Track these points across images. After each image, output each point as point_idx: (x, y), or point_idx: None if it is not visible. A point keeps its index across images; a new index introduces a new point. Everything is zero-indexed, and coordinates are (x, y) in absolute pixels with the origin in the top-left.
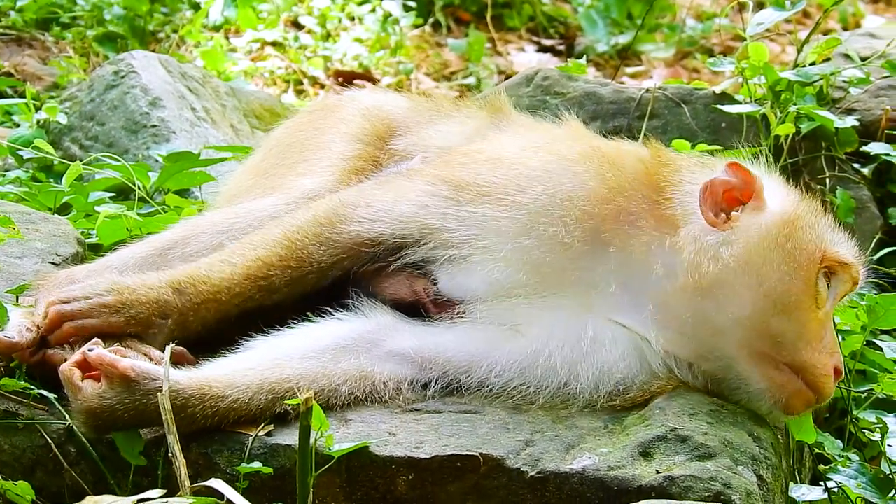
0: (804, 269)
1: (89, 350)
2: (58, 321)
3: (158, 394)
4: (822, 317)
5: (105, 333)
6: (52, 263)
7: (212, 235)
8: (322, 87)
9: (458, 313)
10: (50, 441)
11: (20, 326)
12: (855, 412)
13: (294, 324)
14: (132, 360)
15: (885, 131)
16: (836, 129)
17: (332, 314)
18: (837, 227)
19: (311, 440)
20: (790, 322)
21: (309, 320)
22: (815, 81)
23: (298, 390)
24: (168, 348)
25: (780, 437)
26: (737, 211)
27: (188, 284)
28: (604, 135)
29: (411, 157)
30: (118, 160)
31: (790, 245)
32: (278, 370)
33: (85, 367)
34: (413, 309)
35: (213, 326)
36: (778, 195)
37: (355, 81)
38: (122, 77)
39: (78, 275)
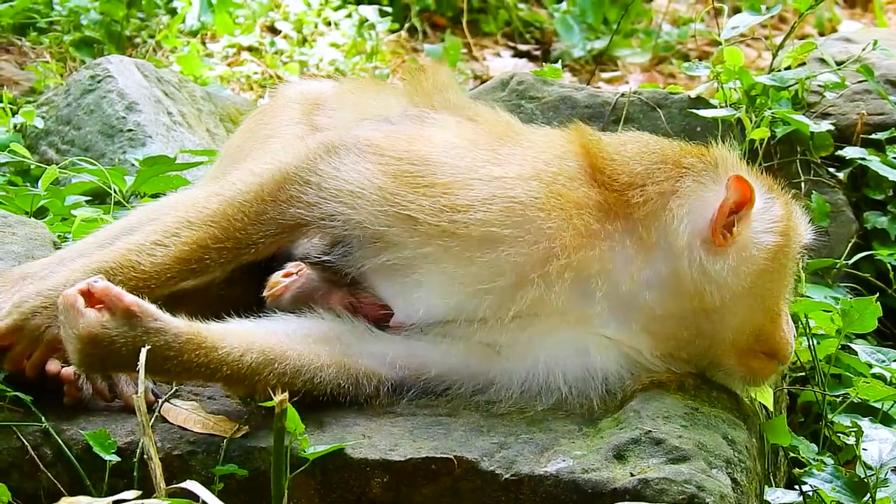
0: (793, 272)
1: (94, 281)
2: (14, 368)
3: (134, 396)
4: None
5: (55, 349)
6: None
7: None
8: None
9: (433, 328)
10: (26, 443)
11: None
12: (830, 416)
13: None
14: (137, 298)
15: (861, 135)
16: (812, 133)
17: (306, 312)
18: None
19: (286, 442)
20: (774, 322)
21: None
22: (790, 86)
23: (288, 358)
24: (143, 351)
25: (754, 439)
26: (733, 224)
27: (117, 272)
28: None
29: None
30: (94, 164)
31: (787, 261)
32: (265, 337)
33: (88, 297)
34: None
35: None
36: (760, 195)
37: None
38: (99, 81)
39: (32, 269)
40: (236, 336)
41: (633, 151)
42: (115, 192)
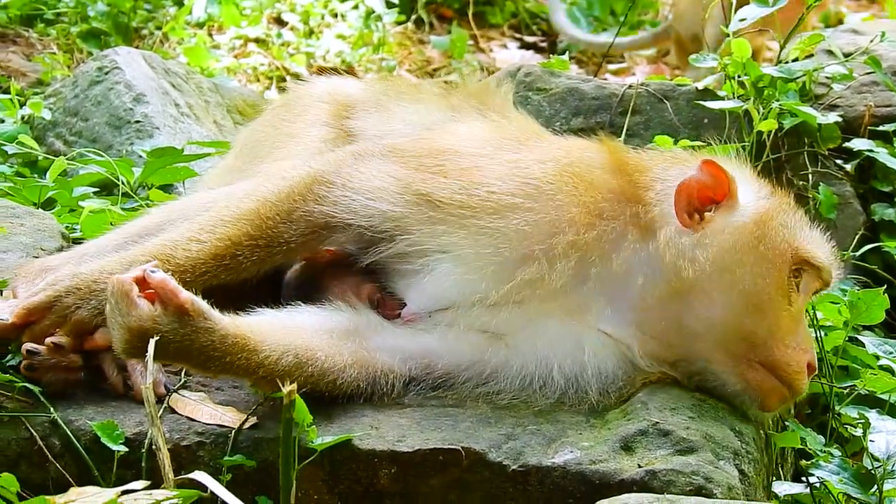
0: (777, 269)
1: (152, 271)
2: (33, 340)
3: (143, 387)
4: (795, 313)
5: (79, 333)
6: (37, 258)
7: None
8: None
9: (427, 321)
10: (34, 434)
11: (10, 307)
12: (837, 408)
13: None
14: (191, 295)
15: (868, 127)
16: (819, 125)
17: (320, 303)
18: (811, 223)
19: (294, 433)
20: (762, 321)
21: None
22: (797, 77)
23: (317, 360)
24: (152, 342)
25: (762, 431)
26: (710, 211)
27: None
28: (586, 131)
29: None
30: (102, 156)
31: (762, 247)
32: (300, 337)
33: (141, 285)
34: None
35: None
36: (751, 193)
37: None
38: (106, 73)
39: (53, 263)
40: (274, 336)
41: (650, 153)
42: (122, 183)
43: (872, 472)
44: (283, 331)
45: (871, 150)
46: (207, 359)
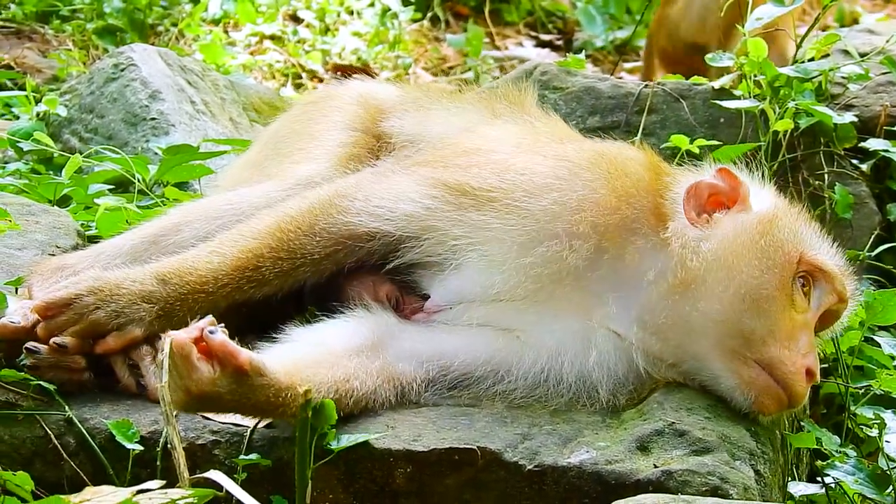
0: (778, 267)
1: (210, 332)
2: (46, 337)
3: (159, 386)
4: (800, 320)
5: (92, 333)
6: (52, 255)
7: (205, 222)
8: (320, 80)
9: (446, 314)
10: (49, 432)
11: (23, 309)
12: (853, 408)
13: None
14: (249, 354)
15: (884, 127)
16: (835, 124)
17: (342, 311)
18: (826, 236)
19: (311, 434)
20: (760, 319)
21: (307, 317)
22: (813, 77)
23: (354, 390)
24: (167, 339)
25: (777, 432)
26: (720, 213)
27: (173, 275)
28: (603, 130)
29: (401, 142)
30: (118, 153)
31: (764, 242)
32: (338, 368)
33: (198, 342)
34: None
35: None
36: (763, 200)
37: (353, 76)
38: (122, 70)
39: (69, 261)
40: (317, 375)
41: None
42: (138, 180)
43: (888, 472)
44: (322, 365)
45: (886, 150)
46: (262, 411)
